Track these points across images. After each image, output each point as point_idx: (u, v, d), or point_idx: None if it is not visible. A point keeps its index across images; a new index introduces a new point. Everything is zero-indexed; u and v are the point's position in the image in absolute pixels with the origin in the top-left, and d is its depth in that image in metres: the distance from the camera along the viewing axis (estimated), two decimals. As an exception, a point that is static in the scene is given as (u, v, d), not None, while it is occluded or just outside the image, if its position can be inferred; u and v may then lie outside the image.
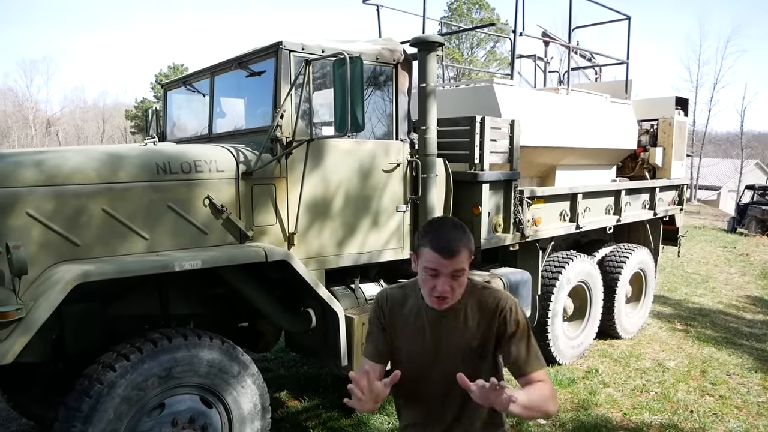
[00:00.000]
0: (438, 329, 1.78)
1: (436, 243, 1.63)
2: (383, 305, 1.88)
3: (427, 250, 1.65)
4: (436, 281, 1.66)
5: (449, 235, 1.65)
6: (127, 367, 2.55)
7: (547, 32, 6.44)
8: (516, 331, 1.74)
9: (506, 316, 1.75)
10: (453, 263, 1.63)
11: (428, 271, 1.66)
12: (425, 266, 1.66)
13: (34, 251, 2.53)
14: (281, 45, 3.19)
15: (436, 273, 1.65)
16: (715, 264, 10.87)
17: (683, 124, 6.43)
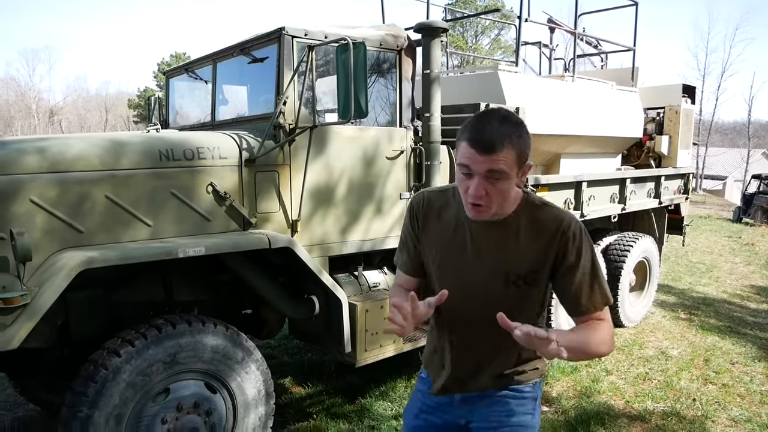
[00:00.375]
0: (481, 244, 1.53)
1: (472, 135, 1.37)
2: (418, 211, 1.64)
3: (462, 144, 1.39)
4: (469, 182, 1.40)
5: (491, 127, 1.36)
6: (132, 353, 2.56)
7: (553, 18, 6.39)
8: (578, 261, 1.48)
9: (568, 242, 1.48)
10: (488, 160, 1.35)
11: (461, 168, 1.41)
12: (458, 162, 1.42)
13: (38, 238, 2.54)
14: (284, 31, 3.17)
15: (469, 172, 1.39)
16: (719, 253, 10.83)
17: (690, 112, 6.38)
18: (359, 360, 3.41)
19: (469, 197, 1.41)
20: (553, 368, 4.55)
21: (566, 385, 4.33)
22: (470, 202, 1.42)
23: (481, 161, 1.36)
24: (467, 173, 1.40)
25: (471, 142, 1.37)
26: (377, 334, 3.46)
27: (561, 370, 4.56)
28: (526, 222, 1.50)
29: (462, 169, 1.41)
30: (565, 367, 4.60)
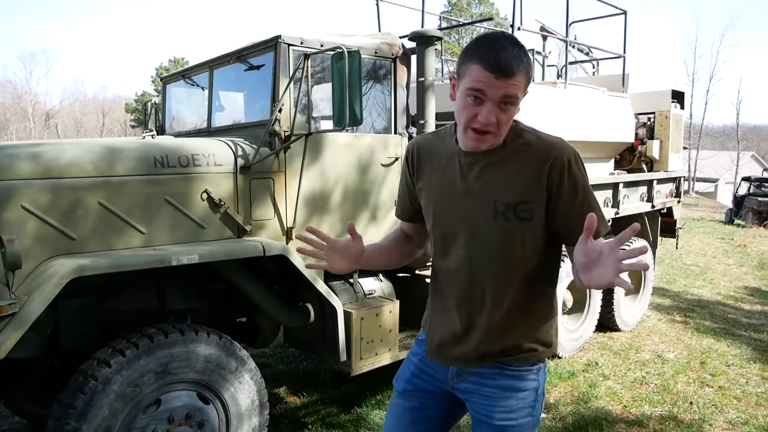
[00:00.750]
0: (470, 177, 1.46)
1: (488, 57, 1.29)
2: (412, 155, 1.62)
3: (475, 67, 1.30)
4: (479, 108, 1.33)
5: (506, 51, 1.30)
6: (123, 363, 2.53)
7: (545, 27, 6.42)
8: (575, 186, 1.39)
9: (562, 170, 1.38)
10: (506, 85, 1.29)
11: (471, 93, 1.32)
12: (469, 86, 1.32)
13: (29, 245, 2.51)
14: (280, 39, 3.16)
15: (481, 96, 1.32)
16: (713, 255, 10.88)
17: (679, 117, 6.42)
18: (355, 369, 3.38)
19: (477, 123, 1.34)
20: (550, 374, 4.55)
21: (563, 391, 4.32)
22: (477, 128, 1.35)
23: (498, 86, 1.29)
24: (478, 98, 1.32)
25: (487, 65, 1.28)
26: (373, 342, 3.44)
27: (558, 375, 4.55)
28: (516, 149, 1.43)
29: (472, 94, 1.32)
30: (562, 373, 4.60)
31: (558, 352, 4.92)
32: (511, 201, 1.41)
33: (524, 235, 1.43)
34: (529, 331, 1.52)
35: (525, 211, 1.41)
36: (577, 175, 1.41)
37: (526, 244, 1.44)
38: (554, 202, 1.41)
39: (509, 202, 1.41)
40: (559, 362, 4.89)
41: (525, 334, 1.51)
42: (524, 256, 1.45)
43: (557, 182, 1.39)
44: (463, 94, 1.35)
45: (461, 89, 1.36)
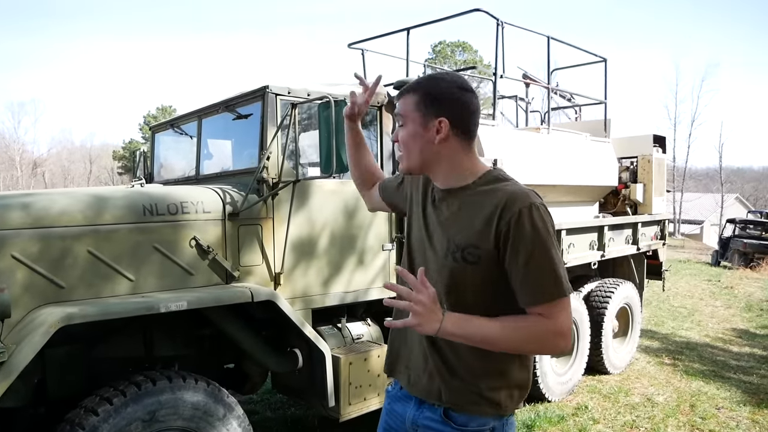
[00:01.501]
0: (436, 212, 1.55)
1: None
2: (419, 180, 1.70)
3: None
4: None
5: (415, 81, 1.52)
6: (110, 411, 2.51)
7: (528, 74, 6.65)
8: (520, 242, 1.33)
9: (512, 219, 1.34)
10: (397, 105, 1.52)
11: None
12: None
13: (18, 293, 2.52)
14: (268, 89, 3.27)
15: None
16: (700, 297, 10.95)
17: (662, 160, 6.60)
18: (343, 414, 3.36)
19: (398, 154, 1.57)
20: (540, 418, 4.51)
21: (553, 436, 4.28)
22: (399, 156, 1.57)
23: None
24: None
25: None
26: (361, 387, 3.43)
27: (548, 419, 4.52)
28: (480, 193, 1.45)
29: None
30: (551, 417, 4.56)
31: (547, 396, 4.89)
32: (461, 243, 1.42)
33: (471, 278, 1.42)
34: (476, 378, 1.45)
35: (472, 255, 1.40)
36: (524, 227, 1.33)
37: (470, 289, 1.43)
38: (502, 254, 1.37)
39: (459, 243, 1.43)
40: (548, 406, 4.85)
41: (470, 380, 1.45)
42: (470, 300, 1.43)
43: (504, 232, 1.35)
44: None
45: None
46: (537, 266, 1.34)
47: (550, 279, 1.34)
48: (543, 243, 1.34)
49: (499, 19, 4.69)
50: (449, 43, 34.06)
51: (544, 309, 1.35)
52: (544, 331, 1.34)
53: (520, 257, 1.34)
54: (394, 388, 1.69)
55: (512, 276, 1.38)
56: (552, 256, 1.35)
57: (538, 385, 4.78)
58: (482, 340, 1.34)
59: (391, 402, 1.68)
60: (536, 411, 4.69)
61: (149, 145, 4.76)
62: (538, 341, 1.35)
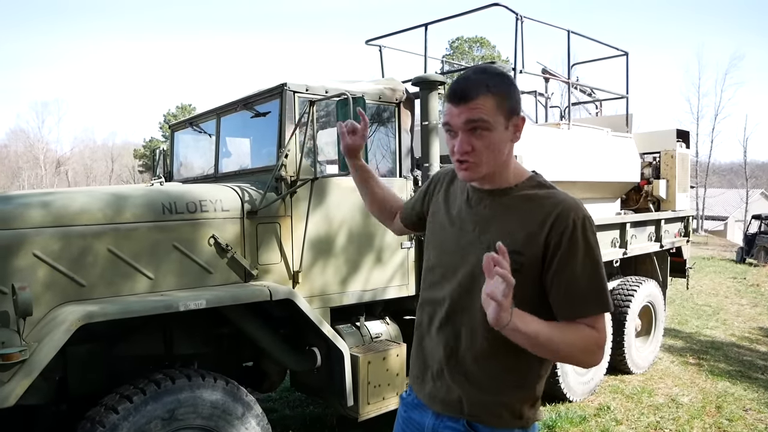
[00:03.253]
0: (471, 215, 1.45)
1: (450, 91, 1.33)
2: (439, 177, 1.66)
3: (446, 105, 1.37)
4: (454, 140, 1.34)
5: (466, 79, 1.32)
6: (130, 409, 2.52)
7: (547, 69, 6.56)
8: (570, 253, 1.29)
9: (565, 230, 1.30)
10: (466, 110, 1.30)
11: (445, 128, 1.36)
12: (442, 123, 1.37)
13: (40, 292, 2.54)
14: (286, 86, 3.26)
15: (450, 129, 1.34)
16: (725, 295, 10.73)
17: (685, 156, 6.46)
18: (362, 413, 3.34)
19: (455, 154, 1.34)
20: (561, 419, 4.45)
21: (575, 436, 4.22)
22: (456, 159, 1.35)
23: (458, 113, 1.31)
24: (450, 131, 1.35)
25: (448, 98, 1.33)
26: (380, 386, 3.41)
27: (569, 420, 4.45)
28: (523, 198, 1.38)
29: (445, 128, 1.36)
30: (573, 417, 4.50)
31: (568, 396, 4.82)
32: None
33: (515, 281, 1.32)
34: (500, 392, 1.42)
35: (515, 263, 1.28)
36: (578, 239, 1.30)
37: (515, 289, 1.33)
38: (548, 264, 1.33)
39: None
40: (569, 406, 4.78)
41: (494, 393, 1.42)
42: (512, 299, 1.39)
43: (555, 242, 1.31)
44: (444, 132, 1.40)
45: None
46: (587, 279, 1.31)
47: (598, 293, 1.32)
48: (594, 256, 1.32)
49: (518, 14, 4.62)
50: (467, 39, 33.88)
51: (597, 320, 1.32)
52: (593, 342, 1.31)
53: (568, 269, 1.30)
54: (410, 395, 1.64)
55: (556, 286, 1.33)
56: (601, 270, 1.33)
57: (559, 385, 4.72)
58: (545, 341, 1.26)
59: (408, 410, 1.62)
60: (557, 411, 4.63)
61: (169, 143, 4.79)
62: (587, 351, 1.31)
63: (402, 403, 1.67)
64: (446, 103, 1.36)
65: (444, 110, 1.37)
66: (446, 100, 1.35)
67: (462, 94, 1.30)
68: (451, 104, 1.32)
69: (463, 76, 1.35)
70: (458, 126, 1.32)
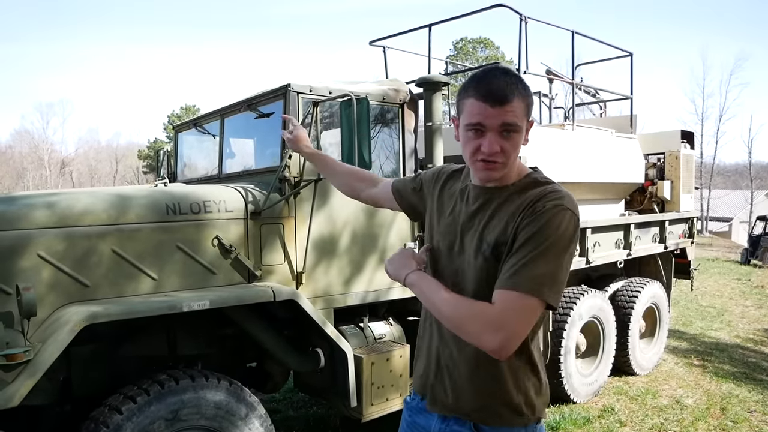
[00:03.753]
0: (470, 210, 1.46)
1: (481, 89, 1.31)
2: (439, 172, 1.66)
3: (470, 101, 1.32)
4: (481, 140, 1.33)
5: (498, 80, 1.31)
6: (134, 410, 2.52)
7: (551, 69, 6.54)
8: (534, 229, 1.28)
9: (532, 214, 1.30)
10: (503, 113, 1.29)
11: (471, 127, 1.33)
12: (467, 122, 1.33)
13: (44, 292, 2.55)
14: (289, 87, 3.26)
15: (481, 128, 1.32)
16: (730, 297, 10.69)
17: (690, 157, 6.44)
18: (365, 414, 3.34)
19: (483, 155, 1.33)
20: (565, 420, 4.44)
21: (579, 438, 4.20)
22: (483, 159, 1.34)
23: (494, 114, 1.29)
24: (479, 130, 1.33)
25: (481, 97, 1.30)
26: (383, 387, 3.40)
27: (573, 421, 4.44)
28: (516, 193, 1.40)
29: (472, 127, 1.33)
30: (576, 419, 4.48)
31: (572, 397, 4.81)
32: (492, 241, 1.37)
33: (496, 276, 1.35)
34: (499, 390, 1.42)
35: (501, 253, 1.35)
36: (546, 218, 1.28)
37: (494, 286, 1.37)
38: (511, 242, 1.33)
39: (491, 241, 1.37)
40: (573, 407, 4.77)
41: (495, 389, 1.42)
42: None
43: (523, 224, 1.31)
44: (464, 130, 1.36)
45: (462, 125, 1.37)
46: (536, 256, 1.26)
47: (542, 275, 1.26)
48: (558, 243, 1.28)
49: (523, 14, 4.61)
50: (471, 40, 33.84)
51: (509, 296, 1.26)
52: (479, 320, 1.28)
53: (523, 246, 1.28)
54: (414, 399, 1.64)
55: (507, 256, 1.32)
56: (560, 259, 1.29)
57: (563, 386, 4.71)
58: (428, 302, 1.40)
59: (413, 414, 1.62)
60: (561, 412, 4.61)
61: (173, 144, 4.80)
62: (469, 327, 1.29)
63: (406, 407, 1.67)
64: (475, 102, 1.32)
65: (469, 109, 1.33)
66: (477, 98, 1.31)
67: (499, 97, 1.29)
68: (487, 104, 1.30)
69: (493, 76, 1.33)
70: (493, 127, 1.31)
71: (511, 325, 1.26)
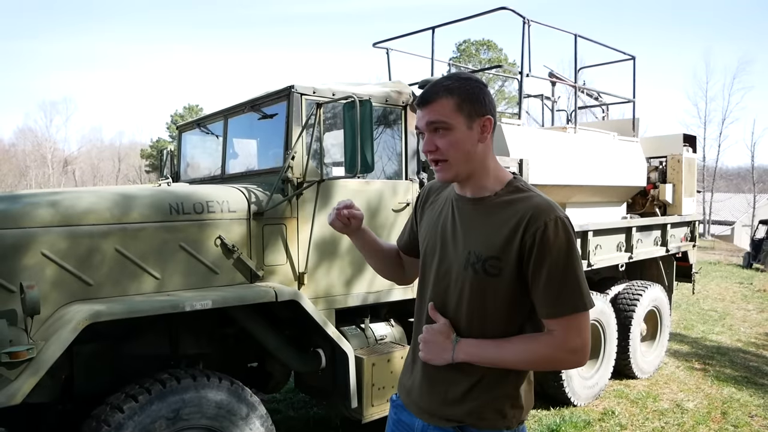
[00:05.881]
0: (457, 223, 1.49)
1: (418, 98, 1.44)
2: (422, 194, 1.71)
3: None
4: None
5: (431, 85, 1.42)
6: (135, 409, 2.53)
7: (554, 72, 6.55)
8: (545, 254, 1.32)
9: (537, 231, 1.33)
10: (426, 113, 1.40)
11: (417, 133, 1.55)
12: (414, 128, 1.53)
13: (47, 290, 2.56)
14: (293, 89, 3.27)
15: (420, 132, 1.45)
16: (731, 300, 10.67)
17: (692, 160, 6.44)
18: (366, 415, 3.34)
19: (424, 156, 1.48)
20: (565, 423, 4.44)
21: (579, 441, 4.20)
22: (429, 159, 1.45)
23: (421, 116, 1.42)
24: (420, 134, 1.46)
25: (417, 105, 1.44)
26: (384, 388, 3.41)
27: (573, 425, 4.44)
28: (502, 204, 1.42)
29: (418, 133, 1.50)
30: (577, 422, 4.48)
31: (572, 400, 4.81)
32: (482, 254, 1.40)
33: (491, 290, 1.40)
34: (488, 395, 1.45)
35: (494, 267, 1.38)
36: (550, 239, 1.32)
37: (491, 300, 1.41)
38: (526, 266, 1.36)
39: (480, 254, 1.40)
40: (574, 410, 4.77)
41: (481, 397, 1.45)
42: (489, 312, 1.42)
43: (530, 244, 1.34)
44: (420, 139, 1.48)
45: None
46: (561, 278, 1.33)
47: (573, 291, 1.34)
48: (568, 255, 1.33)
49: (525, 17, 4.63)
50: (474, 42, 33.84)
51: (564, 322, 1.34)
52: (555, 351, 1.36)
53: (544, 269, 1.33)
54: (398, 399, 1.67)
55: (534, 287, 1.36)
56: (576, 269, 1.34)
57: (564, 389, 4.71)
58: (497, 364, 1.40)
59: (398, 412, 1.65)
60: (561, 416, 4.62)
61: (176, 144, 4.81)
62: (550, 361, 1.39)
63: (392, 405, 1.70)
64: (417, 110, 1.45)
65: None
66: (417, 107, 1.45)
67: (424, 98, 1.41)
68: (419, 109, 1.43)
69: (429, 85, 1.45)
70: (424, 128, 1.43)
71: (583, 341, 1.37)
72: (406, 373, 1.65)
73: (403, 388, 1.64)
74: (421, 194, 1.73)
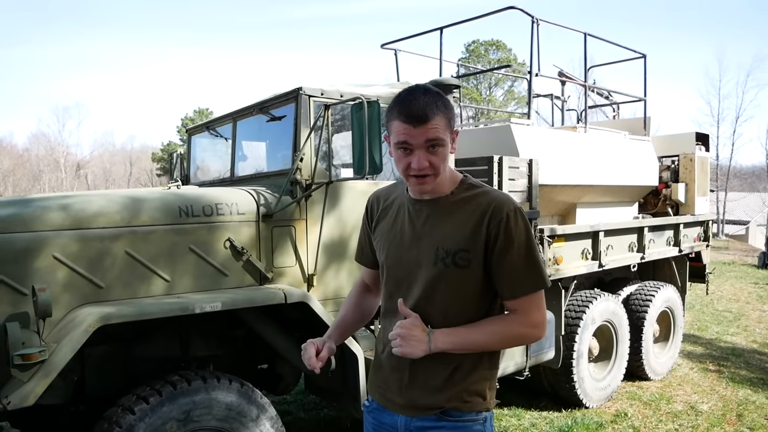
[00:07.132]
0: (417, 224, 1.56)
1: (404, 111, 1.43)
2: (371, 204, 1.75)
3: (396, 123, 1.44)
4: (411, 157, 1.45)
5: (418, 100, 1.42)
6: (146, 410, 2.55)
7: (564, 72, 6.51)
8: (510, 242, 1.45)
9: (501, 222, 1.46)
10: (425, 131, 1.41)
11: (399, 147, 1.45)
12: (395, 141, 1.45)
13: (59, 293, 2.58)
14: (301, 91, 3.28)
15: (409, 147, 1.44)
16: (746, 301, 10.53)
17: (705, 159, 6.37)
18: (376, 417, 3.33)
19: (413, 170, 1.46)
20: (577, 425, 4.40)
21: (591, 443, 4.16)
22: (414, 174, 1.47)
23: (418, 134, 1.42)
24: (406, 149, 1.45)
25: (405, 118, 1.42)
26: (394, 389, 3.39)
27: (585, 426, 4.40)
28: (460, 201, 1.53)
29: (400, 146, 1.45)
30: (589, 424, 4.45)
31: (584, 402, 4.77)
32: (451, 248, 1.49)
33: (462, 281, 1.50)
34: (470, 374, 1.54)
35: (463, 259, 1.49)
36: (512, 229, 1.46)
37: (462, 290, 1.51)
38: (490, 254, 1.48)
39: (449, 249, 1.49)
40: (586, 412, 4.73)
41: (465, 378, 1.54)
42: (462, 302, 1.52)
43: (495, 234, 1.46)
44: (395, 149, 1.48)
45: (392, 144, 1.48)
46: (524, 262, 1.47)
47: (535, 272, 1.49)
48: (528, 241, 1.48)
49: (534, 17, 4.60)
50: (483, 42, 33.76)
51: (527, 300, 1.49)
52: (521, 327, 1.50)
53: (509, 255, 1.46)
54: (372, 403, 1.70)
55: (498, 271, 1.49)
56: (535, 252, 1.49)
57: (576, 390, 4.67)
58: (471, 348, 1.50)
59: (377, 416, 1.67)
60: (573, 417, 4.58)
61: (186, 147, 4.84)
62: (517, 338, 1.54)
63: (366, 411, 1.71)
64: (400, 124, 1.43)
65: (396, 129, 1.44)
66: (401, 120, 1.42)
67: (421, 117, 1.41)
68: (410, 125, 1.42)
69: (413, 97, 1.43)
70: (419, 145, 1.44)
71: (543, 315, 1.53)
72: (377, 375, 1.69)
73: (376, 389, 1.68)
74: (369, 205, 1.76)
